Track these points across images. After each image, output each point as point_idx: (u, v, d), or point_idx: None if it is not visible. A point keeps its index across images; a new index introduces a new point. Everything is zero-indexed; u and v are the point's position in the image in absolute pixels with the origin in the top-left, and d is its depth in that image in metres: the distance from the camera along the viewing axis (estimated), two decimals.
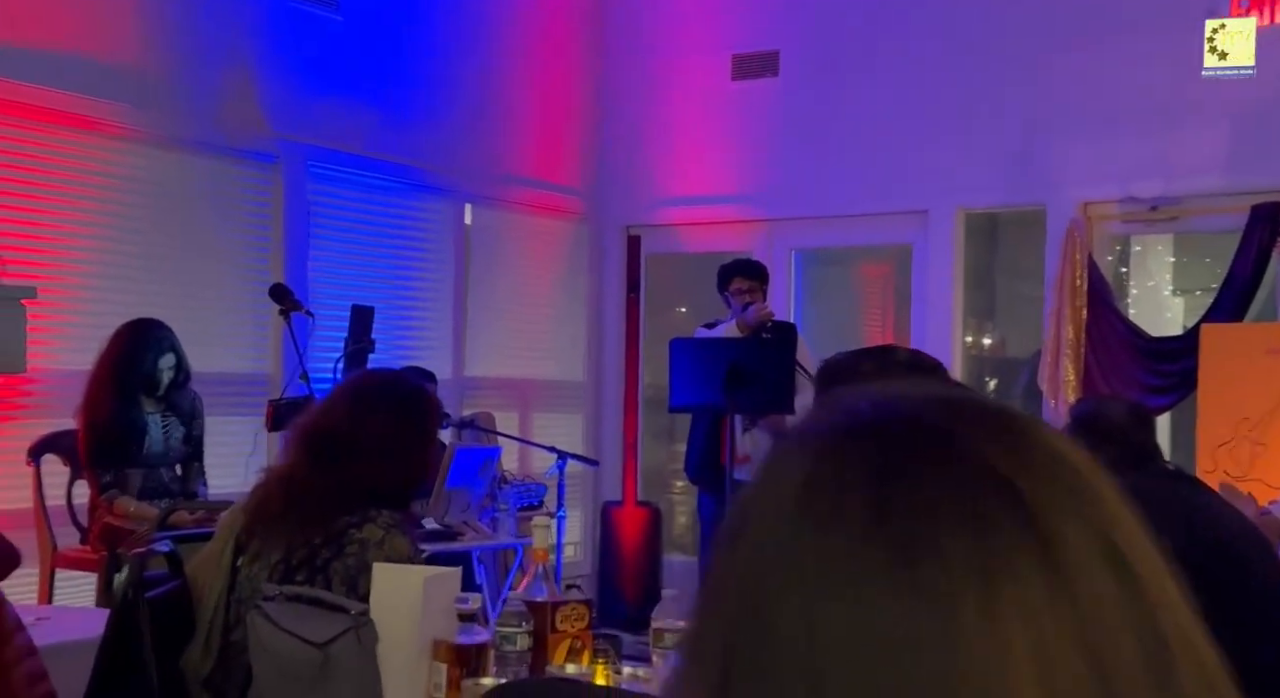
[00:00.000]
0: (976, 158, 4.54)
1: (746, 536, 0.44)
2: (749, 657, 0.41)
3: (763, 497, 0.45)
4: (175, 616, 1.90)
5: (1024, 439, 0.43)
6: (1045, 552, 0.40)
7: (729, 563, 0.44)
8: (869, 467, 0.43)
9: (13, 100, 3.46)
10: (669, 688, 0.45)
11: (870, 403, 0.45)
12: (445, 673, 1.72)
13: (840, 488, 0.42)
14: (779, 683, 0.40)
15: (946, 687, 0.38)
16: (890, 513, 0.41)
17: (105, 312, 3.52)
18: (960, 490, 0.41)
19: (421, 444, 1.99)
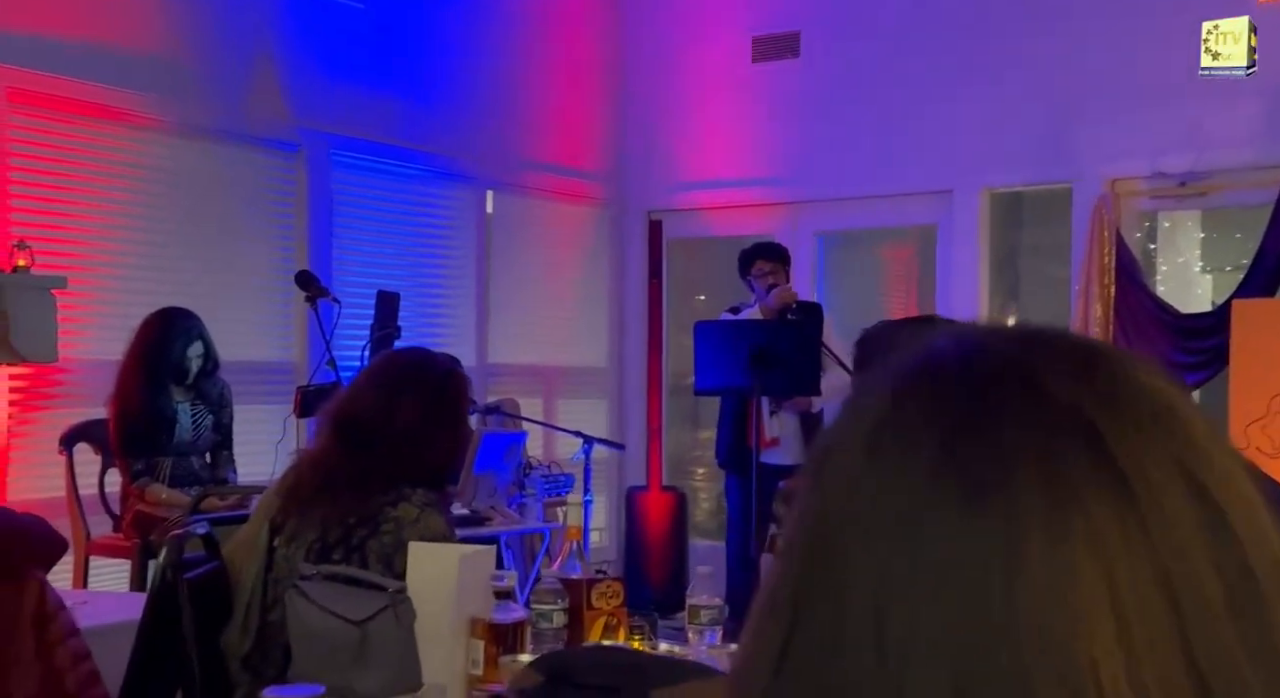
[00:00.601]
0: (1001, 136, 4.50)
1: (820, 480, 0.44)
2: (819, 603, 0.41)
3: (836, 440, 0.44)
4: (213, 597, 1.91)
5: (1107, 374, 0.43)
6: (1119, 484, 0.39)
7: (803, 509, 0.44)
8: (941, 405, 0.42)
9: (39, 91, 3.48)
10: (748, 631, 0.45)
11: (951, 340, 0.45)
12: (482, 650, 1.72)
13: (911, 428, 0.42)
14: (849, 630, 0.40)
15: (1015, 623, 0.38)
16: (960, 451, 0.40)
17: (134, 301, 3.54)
18: (1033, 426, 0.41)
19: (453, 426, 1.99)
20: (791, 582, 0.43)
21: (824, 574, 0.41)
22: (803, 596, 0.42)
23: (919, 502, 0.40)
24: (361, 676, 1.69)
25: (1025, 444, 0.40)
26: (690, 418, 5.61)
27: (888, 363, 0.46)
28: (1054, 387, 0.42)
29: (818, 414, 4.10)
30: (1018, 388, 0.42)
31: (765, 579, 0.46)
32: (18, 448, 3.42)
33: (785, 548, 0.45)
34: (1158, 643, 0.38)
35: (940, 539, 0.39)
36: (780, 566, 0.44)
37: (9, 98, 3.41)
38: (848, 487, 0.42)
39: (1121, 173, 4.33)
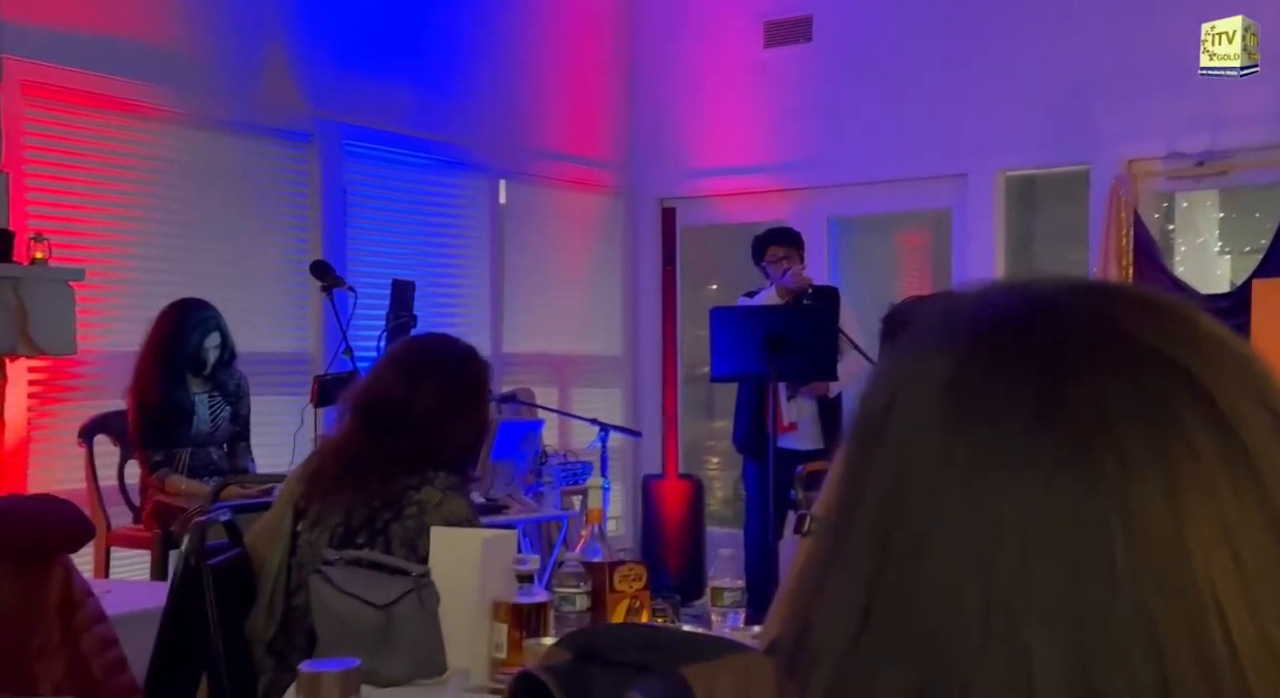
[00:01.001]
0: (1016, 118, 4.47)
1: (888, 440, 0.43)
2: (905, 561, 0.40)
3: (901, 399, 0.43)
4: (236, 582, 1.92)
5: (1185, 322, 0.42)
6: (1223, 429, 0.39)
7: (867, 467, 0.43)
8: (1026, 359, 0.41)
9: (54, 84, 3.49)
10: (807, 577, 0.44)
11: (1016, 297, 0.44)
12: (506, 633, 1.72)
13: (996, 384, 0.41)
14: (945, 586, 0.39)
15: (1134, 570, 0.38)
16: (1054, 404, 0.40)
17: (150, 293, 3.55)
18: (1128, 374, 0.40)
19: (474, 410, 1.99)
20: (867, 540, 0.42)
21: (909, 534, 0.40)
22: (884, 556, 0.41)
23: (1017, 456, 0.40)
24: (386, 659, 1.69)
25: (1124, 393, 0.40)
26: (704, 407, 5.60)
27: (932, 324, 0.45)
28: (1141, 334, 0.41)
29: (835, 399, 4.08)
30: (1105, 338, 0.41)
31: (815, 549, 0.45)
32: (38, 440, 3.44)
33: (842, 509, 0.43)
34: (1273, 579, 0.38)
35: (1045, 492, 0.39)
36: (841, 526, 0.43)
37: (23, 91, 3.42)
38: (927, 445, 0.41)
39: (1138, 153, 4.30)
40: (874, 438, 0.43)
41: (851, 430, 0.45)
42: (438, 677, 1.73)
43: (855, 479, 0.43)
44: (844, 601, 0.41)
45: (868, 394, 0.46)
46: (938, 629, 0.39)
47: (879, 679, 0.40)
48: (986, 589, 0.38)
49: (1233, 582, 0.37)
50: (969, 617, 0.38)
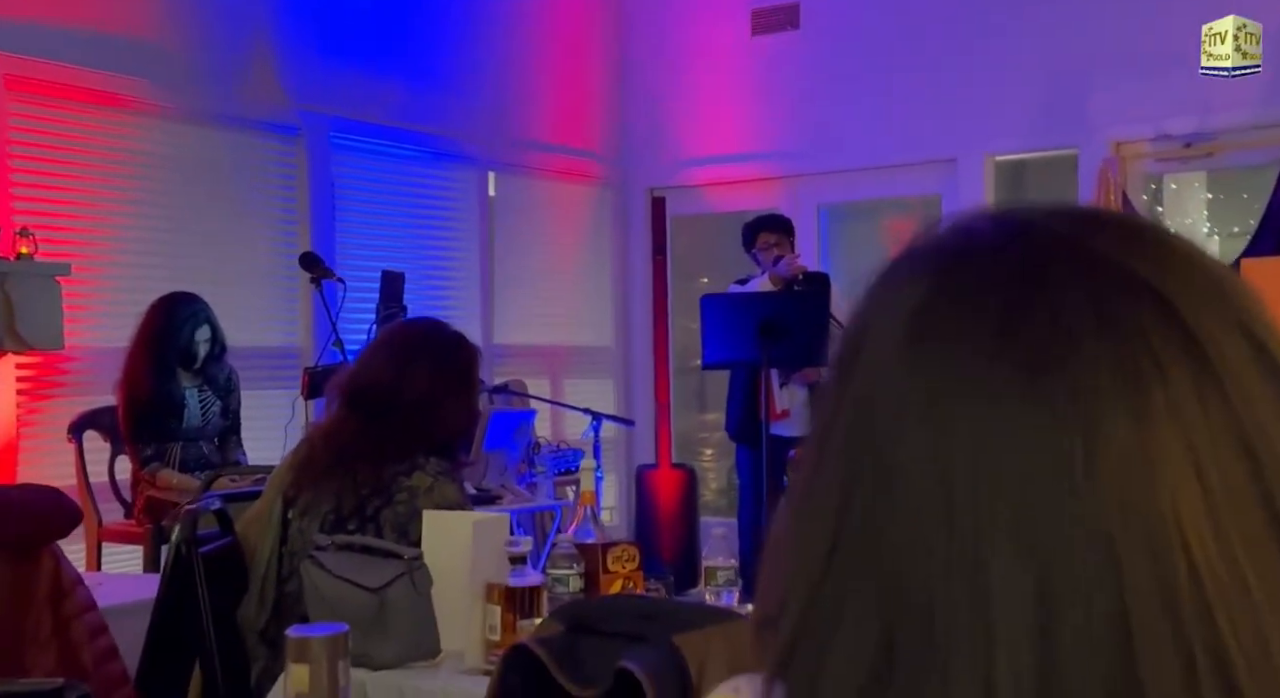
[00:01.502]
0: (1004, 103, 4.47)
1: (858, 369, 0.43)
2: (870, 489, 0.40)
3: (873, 326, 0.43)
4: (228, 571, 1.91)
5: (1160, 245, 0.42)
6: (1192, 350, 0.39)
7: (839, 399, 0.43)
8: (994, 280, 0.41)
9: (37, 78, 3.47)
10: (781, 530, 0.44)
11: (988, 222, 0.44)
12: (499, 615, 1.72)
13: (962, 306, 0.41)
14: (907, 511, 0.39)
15: (1095, 492, 0.37)
16: (1022, 325, 0.39)
17: (137, 288, 3.53)
18: (1097, 295, 0.40)
19: (464, 394, 1.98)
20: (833, 470, 0.42)
21: (873, 458, 0.40)
22: (849, 481, 0.41)
23: (979, 379, 0.39)
24: (380, 643, 1.68)
25: (1092, 314, 0.39)
26: (696, 399, 5.60)
27: (908, 253, 0.45)
28: (1113, 256, 0.41)
29: None
30: (1075, 259, 0.41)
31: (791, 484, 0.45)
32: (27, 437, 3.42)
33: (819, 439, 0.43)
34: (1241, 504, 0.37)
35: (1007, 415, 0.38)
36: (815, 456, 0.43)
37: (7, 85, 3.40)
38: (893, 371, 0.41)
39: (1126, 136, 4.30)
40: (846, 369, 0.43)
41: (829, 366, 0.45)
42: (432, 659, 1.73)
43: (828, 413, 0.43)
44: (813, 535, 0.41)
45: (845, 327, 0.45)
46: (902, 556, 0.39)
47: (848, 609, 0.39)
48: (948, 514, 0.38)
49: (1196, 504, 0.37)
50: (931, 542, 0.38)
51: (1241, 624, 0.36)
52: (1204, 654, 0.36)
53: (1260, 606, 0.36)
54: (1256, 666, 0.36)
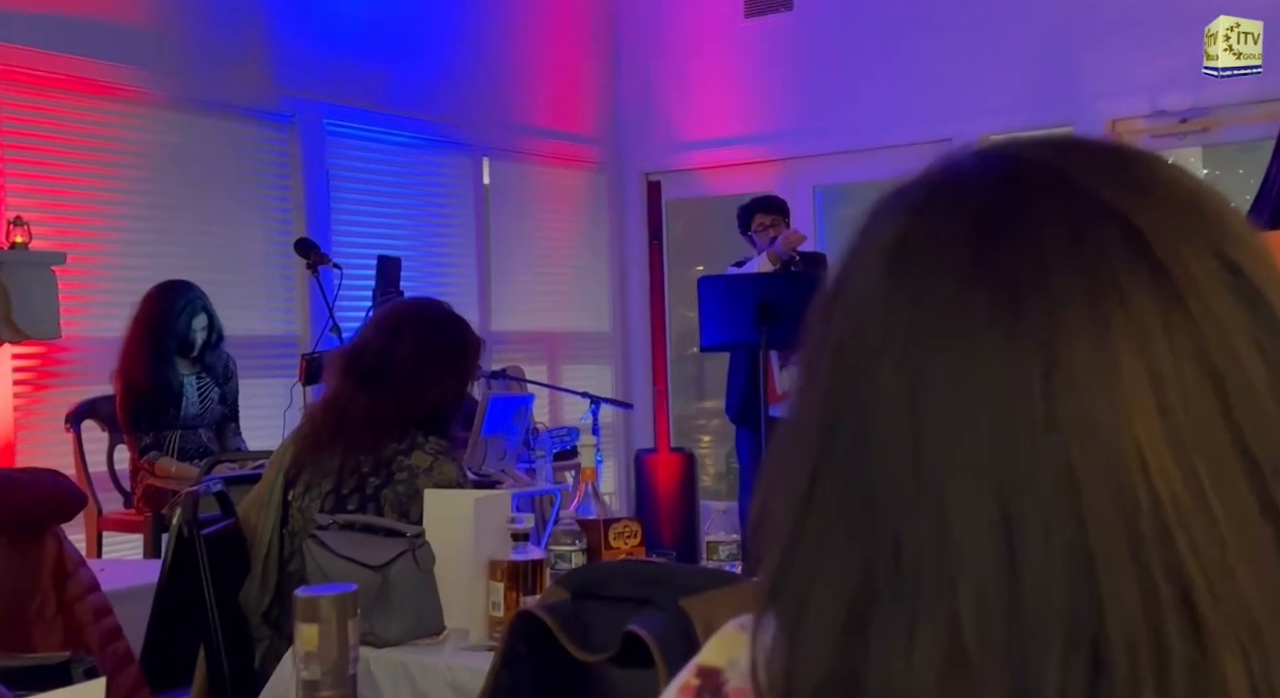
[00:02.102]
0: (998, 81, 4.46)
1: (842, 301, 0.43)
2: (848, 419, 0.41)
3: (856, 260, 0.44)
4: (229, 553, 1.91)
5: (1139, 172, 0.42)
6: (1158, 276, 0.39)
7: (824, 332, 0.44)
8: (968, 211, 0.41)
9: (27, 66, 3.45)
10: (768, 471, 0.45)
11: (969, 154, 0.44)
12: (502, 592, 1.72)
13: (938, 237, 0.41)
14: (880, 443, 0.40)
15: (1056, 420, 0.37)
16: (991, 256, 0.40)
17: (133, 278, 3.53)
18: (1065, 224, 0.40)
19: (449, 366, 1.97)
20: (816, 407, 0.42)
21: (851, 394, 0.41)
22: (830, 418, 0.41)
23: (951, 310, 0.40)
24: (384, 621, 1.68)
25: (1058, 242, 0.39)
26: (693, 386, 5.60)
27: (890, 194, 0.46)
28: (1086, 183, 0.41)
29: None
30: (1048, 187, 0.41)
31: (784, 416, 0.45)
32: (25, 427, 3.42)
33: (804, 378, 0.44)
34: (1205, 428, 0.37)
35: (975, 345, 0.39)
36: (800, 396, 0.44)
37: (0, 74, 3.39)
38: (872, 305, 0.41)
39: (1121, 112, 4.30)
40: (828, 310, 0.44)
41: (813, 307, 0.45)
42: (435, 636, 1.73)
43: (811, 354, 0.44)
44: (797, 473, 0.42)
45: (829, 270, 0.46)
46: (875, 490, 0.39)
47: (828, 544, 0.40)
48: (916, 447, 0.39)
49: (1156, 429, 0.37)
50: (901, 476, 0.39)
51: (1203, 549, 0.36)
52: (1164, 580, 0.36)
53: (1223, 530, 0.36)
54: (1219, 590, 0.36)
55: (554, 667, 1.08)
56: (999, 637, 0.37)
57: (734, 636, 0.47)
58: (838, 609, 0.39)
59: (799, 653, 0.40)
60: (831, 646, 0.39)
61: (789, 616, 0.41)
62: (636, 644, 1.02)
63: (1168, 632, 0.36)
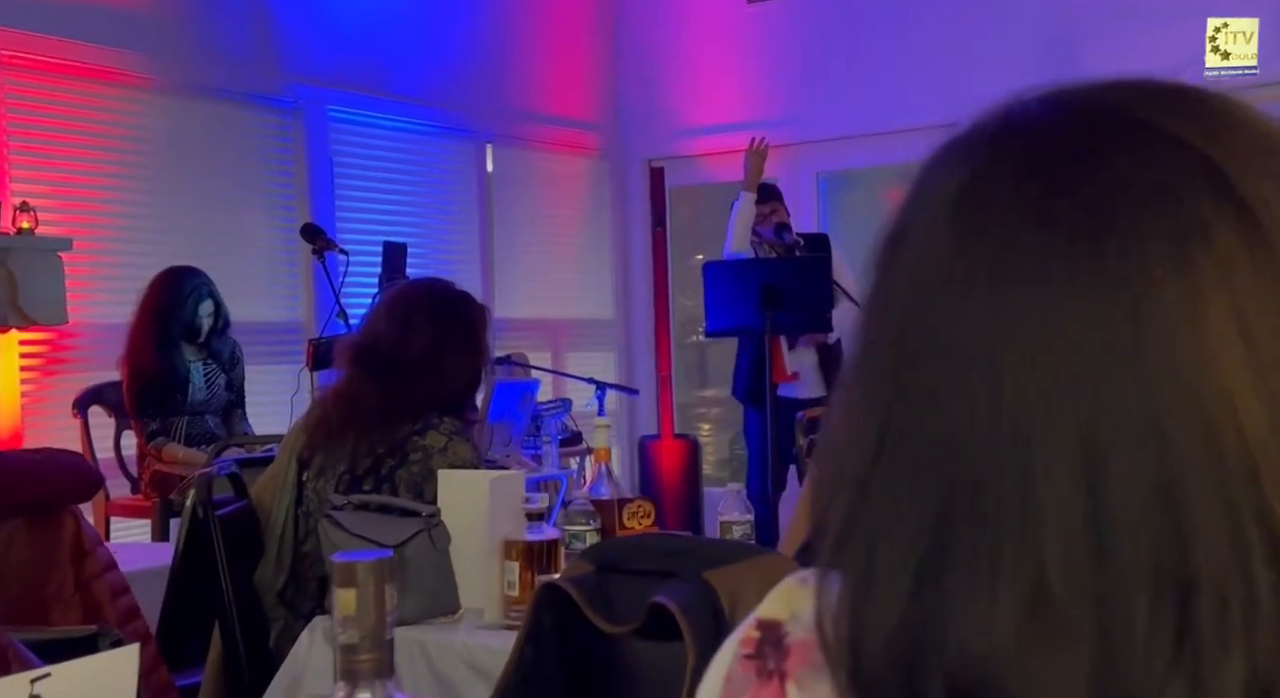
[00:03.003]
0: (1007, 63, 4.45)
1: (906, 249, 0.43)
2: (922, 367, 0.40)
3: (915, 220, 0.43)
4: (243, 534, 1.92)
5: (1211, 109, 0.42)
6: (1243, 215, 0.38)
7: (887, 283, 0.43)
8: (1038, 155, 0.41)
9: (32, 52, 3.44)
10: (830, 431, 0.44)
11: (1033, 99, 0.44)
12: (517, 571, 1.72)
13: (1009, 181, 0.41)
14: (959, 390, 0.39)
15: (1142, 362, 0.37)
16: (1071, 195, 0.39)
17: (138, 264, 3.52)
18: (1145, 164, 0.39)
19: (469, 348, 1.97)
20: (883, 359, 0.42)
21: (923, 341, 0.40)
22: (900, 367, 0.41)
23: (1030, 254, 0.39)
24: (400, 599, 1.68)
25: (1139, 182, 0.39)
26: (694, 373, 5.60)
27: (946, 145, 0.45)
28: (1163, 123, 0.40)
29: (835, 345, 4.10)
30: (1124, 129, 0.41)
31: (837, 388, 0.45)
32: (32, 412, 3.42)
33: (866, 331, 0.44)
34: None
35: (1058, 288, 0.38)
36: (862, 351, 0.43)
37: (3, 60, 3.37)
38: (942, 254, 0.41)
39: None
40: (890, 262, 0.43)
41: (871, 264, 0.45)
42: (451, 616, 1.73)
43: (874, 310, 0.43)
44: (864, 426, 0.41)
45: (887, 223, 0.45)
46: (953, 435, 0.39)
47: (899, 495, 0.40)
48: (999, 388, 0.38)
49: (1243, 370, 0.36)
50: (981, 418, 0.38)
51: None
52: (1253, 524, 0.35)
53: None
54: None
55: (579, 640, 1.09)
56: (1085, 583, 0.36)
57: (795, 589, 0.47)
58: (910, 558, 0.39)
59: (869, 604, 0.39)
60: (904, 595, 0.38)
61: (858, 566, 0.40)
62: (661, 617, 1.03)
63: (1257, 577, 0.35)
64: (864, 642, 0.39)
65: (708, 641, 1.00)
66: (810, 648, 0.43)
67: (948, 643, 0.37)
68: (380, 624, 0.60)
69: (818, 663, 0.43)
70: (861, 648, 0.39)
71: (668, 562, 1.07)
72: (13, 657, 0.87)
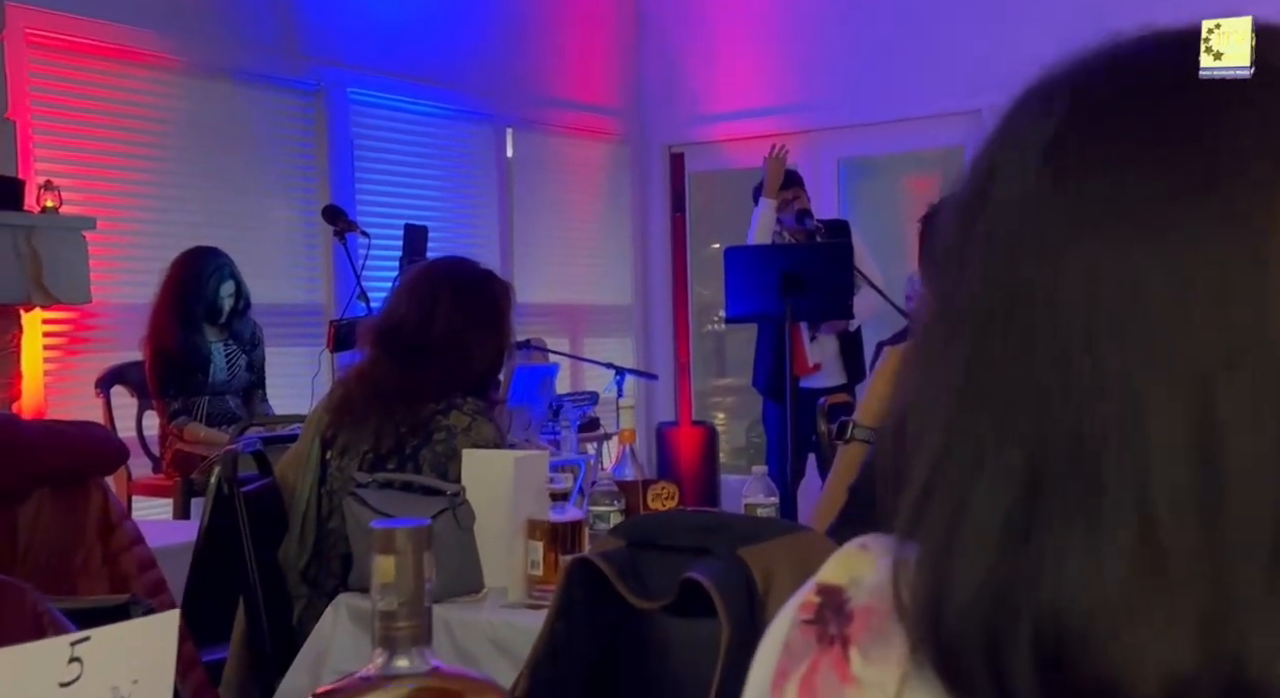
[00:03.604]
0: (1031, 49, 4.39)
1: (988, 208, 0.41)
2: (1016, 317, 0.39)
3: (1002, 164, 0.42)
4: (267, 511, 1.92)
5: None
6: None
7: (968, 235, 0.42)
8: (1148, 98, 0.40)
9: (56, 31, 3.45)
10: (911, 373, 0.43)
11: (1140, 40, 0.42)
12: (541, 551, 1.72)
13: (1111, 124, 0.39)
14: (1057, 339, 0.38)
15: (1269, 312, 0.36)
16: (1182, 143, 0.38)
17: (160, 245, 3.54)
18: (1260, 108, 0.38)
19: (493, 327, 1.96)
20: (963, 314, 0.41)
21: (1015, 293, 0.39)
22: (988, 320, 0.39)
23: (1134, 202, 0.38)
24: None
25: (1256, 126, 0.38)
26: (712, 360, 5.59)
27: (1033, 89, 0.44)
28: (1275, 65, 0.39)
29: (855, 333, 4.08)
30: None
31: (910, 351, 0.44)
32: (55, 391, 3.44)
33: (946, 287, 0.42)
34: None
35: (1164, 237, 0.37)
36: (940, 307, 0.42)
37: (26, 38, 3.38)
38: (1033, 205, 0.39)
39: None
40: (973, 213, 0.42)
41: (949, 218, 0.43)
42: (475, 594, 1.73)
43: (954, 262, 0.42)
44: (943, 383, 0.40)
45: (965, 175, 0.44)
46: (1048, 386, 0.37)
47: (986, 449, 0.38)
48: (1103, 337, 0.37)
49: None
50: (1081, 366, 0.37)
51: None
52: None
53: None
54: None
55: (610, 615, 1.09)
56: (1196, 541, 0.35)
57: (856, 554, 0.46)
58: (998, 513, 0.37)
59: (953, 559, 0.38)
60: (992, 551, 0.37)
61: (941, 523, 0.39)
62: (693, 593, 1.02)
63: None
64: (946, 600, 0.38)
65: (741, 617, 0.99)
66: (873, 614, 0.42)
67: (1041, 599, 0.36)
68: (419, 592, 0.60)
69: (881, 629, 0.42)
70: (943, 607, 0.38)
71: (701, 538, 1.06)
72: (48, 623, 0.87)
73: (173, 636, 0.68)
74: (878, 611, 0.42)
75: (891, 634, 0.41)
